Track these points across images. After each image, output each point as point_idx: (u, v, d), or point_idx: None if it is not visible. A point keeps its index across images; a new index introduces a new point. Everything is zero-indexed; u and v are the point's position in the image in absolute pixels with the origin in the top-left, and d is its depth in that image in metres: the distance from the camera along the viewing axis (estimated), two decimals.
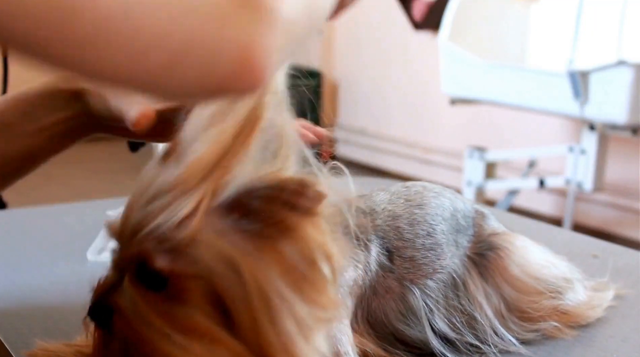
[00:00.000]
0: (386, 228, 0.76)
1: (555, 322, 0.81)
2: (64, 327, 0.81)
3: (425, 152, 4.69)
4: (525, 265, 0.81)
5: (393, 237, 0.76)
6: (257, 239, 0.56)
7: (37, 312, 0.88)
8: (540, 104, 3.17)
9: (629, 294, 0.94)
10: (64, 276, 0.99)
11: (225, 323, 0.56)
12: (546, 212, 3.93)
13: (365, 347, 0.71)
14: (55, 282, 0.97)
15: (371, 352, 0.71)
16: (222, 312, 0.56)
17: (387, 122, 4.99)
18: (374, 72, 5.05)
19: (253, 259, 0.55)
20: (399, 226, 0.77)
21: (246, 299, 0.55)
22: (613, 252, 1.14)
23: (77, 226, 1.21)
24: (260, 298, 0.55)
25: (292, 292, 0.56)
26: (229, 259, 0.56)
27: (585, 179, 3.13)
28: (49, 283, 0.96)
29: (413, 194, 0.80)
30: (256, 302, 0.55)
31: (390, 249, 0.75)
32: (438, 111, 4.56)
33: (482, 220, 0.83)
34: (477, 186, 3.45)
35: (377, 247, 0.74)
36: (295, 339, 0.56)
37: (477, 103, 3.56)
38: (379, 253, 0.74)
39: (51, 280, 0.97)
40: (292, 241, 0.56)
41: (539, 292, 0.80)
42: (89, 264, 1.03)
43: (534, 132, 4.04)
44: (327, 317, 0.59)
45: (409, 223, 0.77)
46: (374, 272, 0.73)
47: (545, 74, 3.13)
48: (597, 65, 2.90)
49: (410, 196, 0.80)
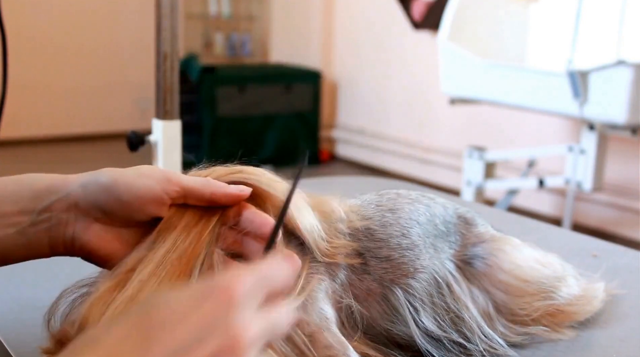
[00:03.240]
0: (355, 230, 0.75)
1: (551, 323, 0.81)
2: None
3: (424, 151, 4.69)
4: (515, 269, 0.80)
5: (364, 239, 0.75)
6: None
7: (36, 312, 0.87)
8: (540, 104, 3.17)
9: (628, 293, 0.94)
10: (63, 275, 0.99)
11: None
12: (545, 212, 3.93)
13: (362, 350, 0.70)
14: (54, 281, 0.97)
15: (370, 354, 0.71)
16: None
17: (387, 122, 4.99)
18: (373, 72, 5.05)
19: None
20: (369, 227, 0.76)
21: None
22: (612, 251, 1.14)
23: None
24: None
25: None
26: None
27: (585, 179, 3.13)
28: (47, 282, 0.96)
29: (385, 201, 0.80)
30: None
31: (361, 251, 0.75)
32: (437, 111, 4.56)
33: (466, 227, 0.82)
34: (476, 186, 3.45)
35: (344, 250, 0.73)
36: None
37: (476, 103, 3.56)
38: (348, 256, 0.73)
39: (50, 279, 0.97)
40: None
41: (530, 294, 0.80)
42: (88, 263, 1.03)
43: (533, 132, 4.04)
44: None
45: (380, 225, 0.76)
46: (343, 278, 0.72)
47: (545, 73, 3.13)
48: (597, 65, 2.89)
49: (382, 202, 0.80)
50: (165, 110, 1.41)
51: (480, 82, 3.35)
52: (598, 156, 3.11)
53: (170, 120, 1.43)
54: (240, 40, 6.04)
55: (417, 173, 4.63)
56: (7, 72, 1.32)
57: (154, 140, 1.43)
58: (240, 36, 6.05)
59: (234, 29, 6.06)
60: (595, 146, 3.09)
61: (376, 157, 5.02)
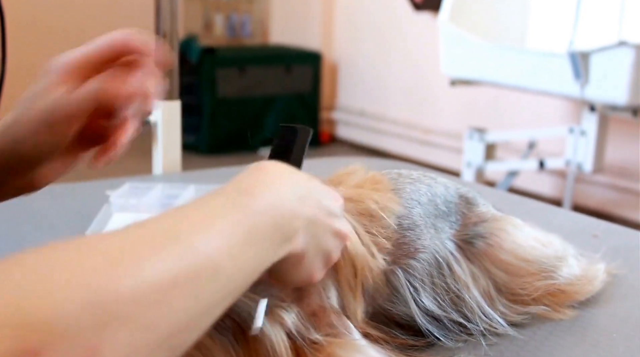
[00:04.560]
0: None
1: (552, 302, 0.81)
2: None
3: (424, 133, 4.69)
4: (516, 249, 0.80)
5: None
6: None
7: None
8: (541, 85, 3.16)
9: (629, 273, 0.94)
10: None
11: None
12: (546, 194, 3.93)
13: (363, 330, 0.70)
14: None
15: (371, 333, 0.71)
16: None
17: (387, 104, 4.98)
18: (373, 54, 5.04)
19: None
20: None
21: None
22: (613, 232, 1.14)
23: (76, 206, 1.21)
24: None
25: None
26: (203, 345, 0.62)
27: (585, 161, 3.13)
28: None
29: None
30: None
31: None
32: (438, 92, 4.55)
33: (467, 207, 0.82)
34: (476, 167, 3.45)
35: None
36: None
37: (477, 84, 3.55)
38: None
39: None
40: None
41: (531, 274, 0.80)
42: None
43: (534, 113, 4.03)
44: None
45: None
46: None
47: (546, 54, 3.12)
48: (598, 46, 2.88)
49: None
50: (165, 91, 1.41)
51: (481, 63, 3.34)
52: (599, 138, 3.10)
53: (170, 101, 1.42)
54: (240, 22, 6.01)
55: (417, 155, 4.63)
56: (5, 54, 1.31)
57: (153, 120, 1.43)
58: (240, 17, 6.02)
59: (233, 10, 6.04)
60: (596, 127, 3.08)
61: (376, 139, 5.02)
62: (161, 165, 1.41)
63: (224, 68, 4.85)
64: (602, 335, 0.80)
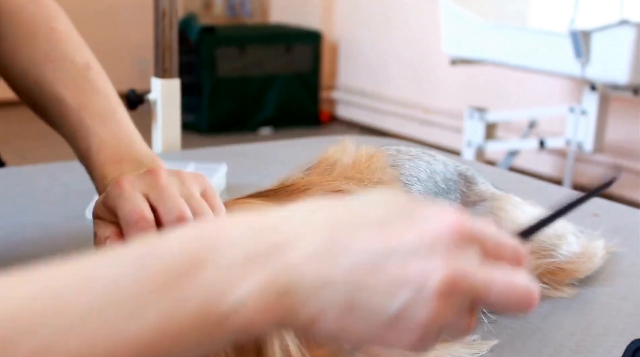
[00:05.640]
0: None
1: (552, 280, 0.81)
2: None
3: (425, 113, 4.68)
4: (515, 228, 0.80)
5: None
6: None
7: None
8: (541, 64, 3.15)
9: (629, 251, 0.94)
10: (63, 235, 0.98)
11: None
12: (546, 173, 3.93)
13: None
14: (55, 240, 0.96)
15: None
16: None
17: (387, 83, 4.96)
18: (374, 33, 5.02)
19: None
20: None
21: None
22: (614, 210, 1.14)
23: (76, 184, 1.20)
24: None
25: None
26: None
27: (586, 140, 3.12)
28: (48, 241, 0.96)
29: (386, 156, 0.79)
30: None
31: None
32: (438, 72, 4.53)
33: (466, 185, 0.81)
34: (477, 147, 3.44)
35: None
36: None
37: (477, 63, 3.54)
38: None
39: (50, 238, 0.97)
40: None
41: (530, 252, 0.80)
42: (88, 223, 1.03)
43: (534, 92, 4.02)
44: None
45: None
46: None
47: (547, 34, 3.11)
48: (599, 25, 2.87)
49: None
50: (164, 69, 1.40)
51: (481, 42, 3.33)
52: (599, 117, 3.09)
53: (169, 79, 1.42)
54: (239, 0, 5.99)
55: (417, 134, 4.62)
56: None
57: (153, 98, 1.42)
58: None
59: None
60: (597, 107, 3.07)
61: (377, 119, 5.01)
62: (160, 143, 1.41)
63: (224, 47, 4.83)
64: (601, 313, 0.80)
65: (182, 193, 0.63)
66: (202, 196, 0.64)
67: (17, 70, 0.83)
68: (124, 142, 0.75)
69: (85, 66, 0.81)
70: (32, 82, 0.81)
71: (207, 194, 0.64)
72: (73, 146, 0.77)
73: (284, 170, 0.77)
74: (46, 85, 0.80)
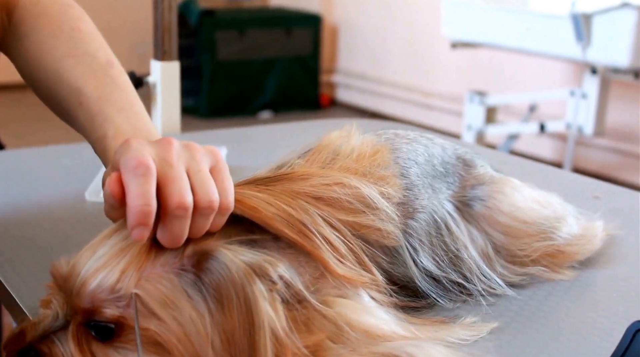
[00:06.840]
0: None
1: (551, 263, 0.81)
2: None
3: (425, 96, 4.67)
4: (514, 211, 0.80)
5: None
6: (210, 300, 0.58)
7: (36, 253, 0.88)
8: (542, 47, 3.14)
9: (629, 234, 0.94)
10: (62, 217, 0.98)
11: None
12: (546, 157, 3.93)
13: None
14: (55, 222, 0.97)
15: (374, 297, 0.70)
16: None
17: (387, 66, 4.95)
18: (374, 16, 5.00)
19: (196, 309, 0.58)
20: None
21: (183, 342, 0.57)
22: (614, 193, 1.14)
23: (75, 167, 1.20)
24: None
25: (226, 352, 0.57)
26: (172, 303, 0.58)
27: (586, 124, 3.12)
28: (48, 224, 0.96)
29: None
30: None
31: None
32: (439, 55, 4.52)
33: (465, 169, 0.81)
34: (477, 131, 3.44)
35: None
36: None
37: (478, 46, 3.53)
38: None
39: (50, 221, 0.97)
40: (241, 312, 0.57)
41: (529, 235, 0.80)
42: (88, 205, 1.03)
43: (535, 76, 4.01)
44: None
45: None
46: None
47: (548, 16, 3.10)
48: (601, 8, 2.86)
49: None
50: (164, 51, 1.40)
51: (482, 25, 3.32)
52: (600, 100, 3.09)
53: (168, 62, 1.41)
54: None
55: (417, 118, 4.61)
56: None
57: (152, 81, 1.42)
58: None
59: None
60: (597, 90, 3.07)
61: (377, 102, 5.00)
62: (160, 126, 1.41)
63: (224, 30, 4.82)
64: (601, 295, 0.80)
65: (189, 168, 0.62)
66: (211, 171, 0.63)
67: (37, 65, 0.84)
68: (141, 132, 0.75)
69: (107, 63, 0.82)
70: (52, 75, 0.81)
71: (216, 168, 0.63)
72: (88, 135, 0.77)
73: (283, 154, 0.76)
74: (66, 78, 0.80)
